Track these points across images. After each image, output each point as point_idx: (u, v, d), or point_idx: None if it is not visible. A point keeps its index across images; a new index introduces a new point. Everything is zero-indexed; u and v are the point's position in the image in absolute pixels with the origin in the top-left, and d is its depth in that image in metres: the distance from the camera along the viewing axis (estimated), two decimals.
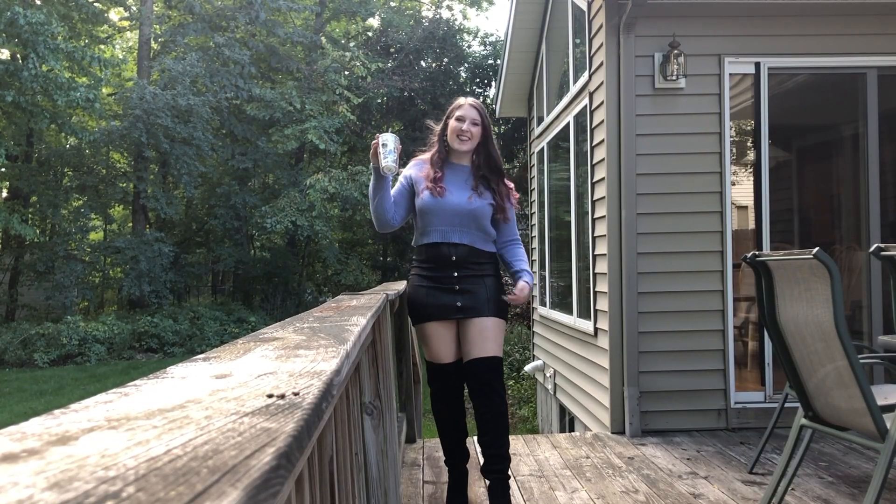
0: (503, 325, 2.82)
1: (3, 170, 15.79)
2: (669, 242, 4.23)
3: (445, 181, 2.80)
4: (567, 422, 6.03)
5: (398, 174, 2.84)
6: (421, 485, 3.29)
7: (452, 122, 2.81)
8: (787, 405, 3.35)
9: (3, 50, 14.24)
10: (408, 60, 18.39)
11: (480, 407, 2.71)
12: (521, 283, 2.81)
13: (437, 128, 2.94)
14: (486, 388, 2.70)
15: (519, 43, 7.15)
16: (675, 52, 4.12)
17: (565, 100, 5.64)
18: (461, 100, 2.88)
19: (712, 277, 4.23)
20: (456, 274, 2.75)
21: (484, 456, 2.73)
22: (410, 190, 2.87)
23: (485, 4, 21.25)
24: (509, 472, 2.73)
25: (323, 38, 17.81)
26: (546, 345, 6.78)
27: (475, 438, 2.86)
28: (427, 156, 2.92)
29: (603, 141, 4.34)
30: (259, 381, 0.66)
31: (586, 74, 4.84)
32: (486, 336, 2.73)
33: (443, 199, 2.75)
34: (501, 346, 2.81)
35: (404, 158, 2.80)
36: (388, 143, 2.62)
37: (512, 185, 2.93)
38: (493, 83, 18.93)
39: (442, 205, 2.76)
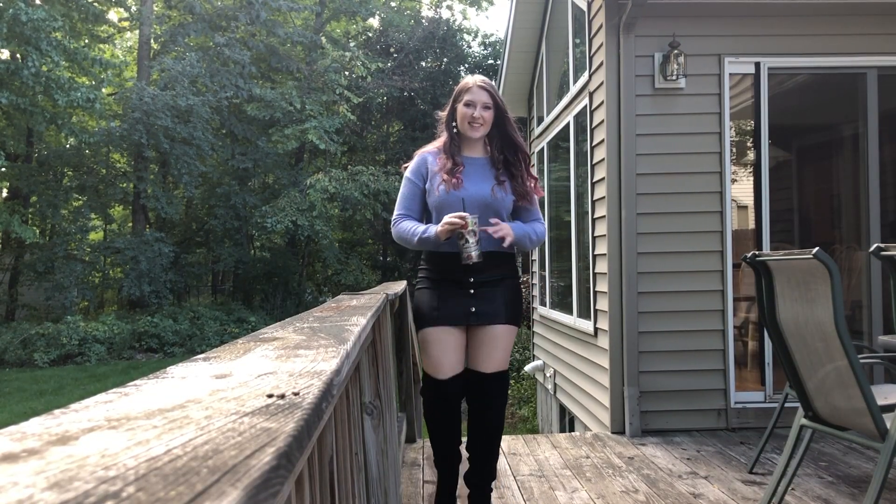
0: (515, 332, 2.58)
1: (2, 170, 15.80)
2: (669, 242, 4.23)
3: (462, 172, 2.52)
4: (567, 422, 6.03)
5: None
6: (421, 484, 3.29)
7: (461, 108, 2.53)
8: (787, 405, 3.35)
9: (3, 50, 14.25)
10: (408, 60, 18.40)
11: (477, 420, 2.55)
12: (505, 224, 2.46)
13: (444, 114, 2.64)
14: (488, 404, 2.51)
15: (519, 43, 7.15)
16: (675, 52, 4.12)
17: (565, 100, 5.64)
18: (468, 80, 2.57)
19: (712, 277, 4.23)
20: (473, 279, 2.49)
21: (471, 464, 2.60)
22: (423, 193, 2.60)
23: (485, 4, 21.25)
24: (492, 487, 2.65)
25: (323, 38, 17.83)
26: (546, 345, 6.78)
27: (465, 441, 2.73)
28: (434, 146, 2.64)
29: (603, 141, 4.34)
30: (259, 380, 0.66)
31: (586, 74, 4.84)
32: (497, 345, 2.50)
33: (459, 193, 2.47)
34: (509, 356, 2.59)
35: (403, 157, 2.70)
36: (476, 231, 2.35)
37: (536, 177, 2.67)
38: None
39: (460, 200, 2.47)
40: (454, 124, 2.58)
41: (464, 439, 2.75)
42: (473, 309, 2.49)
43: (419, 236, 2.49)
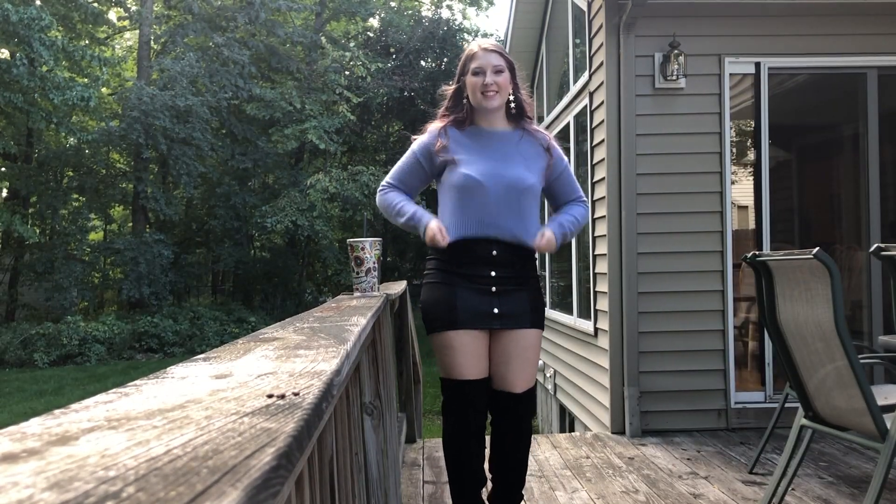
0: (541, 339, 2.34)
1: (2, 170, 15.80)
2: (669, 242, 4.23)
3: (483, 152, 2.25)
4: (567, 422, 6.02)
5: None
6: (421, 485, 3.29)
7: (470, 79, 2.23)
8: (787, 405, 3.35)
9: (2, 50, 14.25)
10: (408, 60, 18.39)
11: (503, 446, 2.30)
12: (546, 231, 2.28)
13: (450, 89, 2.34)
14: (517, 428, 2.27)
15: (519, 43, 7.15)
16: (676, 51, 4.12)
17: (565, 100, 5.64)
18: (472, 46, 2.29)
19: (712, 277, 4.23)
20: (494, 273, 2.20)
21: (493, 486, 2.38)
22: (423, 171, 2.35)
23: (485, 4, 21.26)
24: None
25: (323, 37, 17.81)
26: (546, 345, 6.78)
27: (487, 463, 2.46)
28: (443, 123, 2.33)
29: (603, 141, 4.34)
30: (259, 381, 0.66)
31: (586, 74, 4.84)
32: (528, 358, 2.24)
33: (487, 176, 2.18)
34: (537, 368, 2.35)
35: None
36: (374, 267, 2.28)
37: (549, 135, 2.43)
38: None
39: (486, 181, 2.18)
40: (465, 99, 2.28)
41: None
42: (496, 310, 2.20)
43: (405, 218, 2.30)
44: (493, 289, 2.21)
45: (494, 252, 2.20)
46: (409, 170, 2.38)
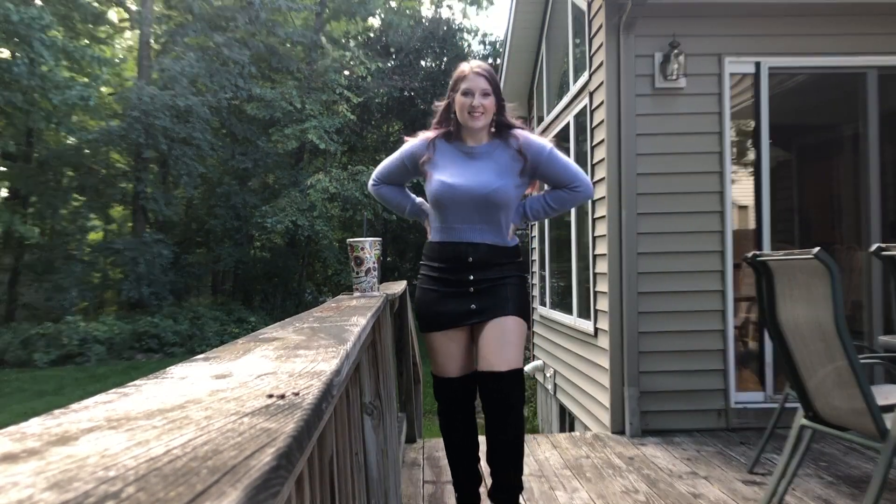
0: (524, 327, 2.43)
1: (2, 170, 15.80)
2: (670, 242, 4.23)
3: (461, 164, 2.44)
4: (567, 422, 6.02)
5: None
6: (421, 485, 3.29)
7: (459, 98, 2.41)
8: (787, 405, 3.35)
9: (2, 49, 14.25)
10: (408, 60, 18.40)
11: (494, 430, 2.35)
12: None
13: (442, 104, 2.52)
14: (505, 408, 2.33)
15: (519, 42, 7.15)
16: (676, 51, 4.11)
17: (565, 99, 5.64)
18: (464, 67, 2.46)
19: (712, 277, 4.23)
20: (472, 277, 2.39)
21: (493, 480, 2.43)
22: (408, 174, 2.59)
23: (485, 4, 21.26)
24: (520, 501, 2.44)
25: (323, 37, 17.82)
26: (546, 345, 6.78)
27: (484, 454, 2.55)
28: (434, 134, 2.52)
29: (603, 141, 4.34)
30: (259, 381, 0.66)
31: (586, 74, 4.84)
32: (508, 339, 2.34)
33: (459, 185, 2.37)
34: (522, 354, 2.41)
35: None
36: (374, 268, 2.40)
37: (522, 130, 2.52)
38: None
39: (459, 192, 2.37)
40: (453, 115, 2.46)
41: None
42: (474, 306, 2.38)
43: (406, 214, 2.66)
44: (471, 289, 2.41)
45: (471, 259, 2.40)
46: (395, 170, 2.61)
